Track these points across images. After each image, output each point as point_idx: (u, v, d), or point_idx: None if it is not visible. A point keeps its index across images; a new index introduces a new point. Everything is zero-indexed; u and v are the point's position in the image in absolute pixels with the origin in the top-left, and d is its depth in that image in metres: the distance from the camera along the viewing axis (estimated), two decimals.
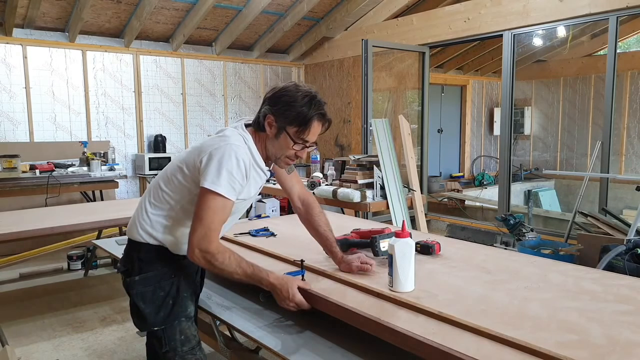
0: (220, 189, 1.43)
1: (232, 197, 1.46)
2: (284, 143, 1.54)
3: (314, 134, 1.55)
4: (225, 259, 1.46)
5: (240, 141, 1.52)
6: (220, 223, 1.48)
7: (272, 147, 1.58)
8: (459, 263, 1.76)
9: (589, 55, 8.22)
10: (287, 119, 1.52)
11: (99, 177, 4.67)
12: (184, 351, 1.59)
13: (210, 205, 1.44)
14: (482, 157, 9.16)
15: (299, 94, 1.51)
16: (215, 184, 1.43)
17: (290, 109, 1.51)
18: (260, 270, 1.51)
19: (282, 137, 1.54)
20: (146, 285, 1.58)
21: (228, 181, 1.44)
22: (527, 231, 4.03)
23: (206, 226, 1.44)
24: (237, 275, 1.48)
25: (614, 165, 7.46)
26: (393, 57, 6.27)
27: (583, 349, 1.08)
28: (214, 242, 1.45)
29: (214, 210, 1.44)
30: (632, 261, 2.78)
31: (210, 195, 1.44)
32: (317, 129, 1.55)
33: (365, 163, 3.88)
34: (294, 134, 1.53)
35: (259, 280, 1.50)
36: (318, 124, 1.54)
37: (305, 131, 1.52)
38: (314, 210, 1.80)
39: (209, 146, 1.49)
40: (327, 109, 1.58)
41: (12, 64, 5.12)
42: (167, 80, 6.18)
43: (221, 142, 1.49)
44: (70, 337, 3.11)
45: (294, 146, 1.54)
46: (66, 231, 3.18)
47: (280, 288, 1.49)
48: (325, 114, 1.55)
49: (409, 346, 1.21)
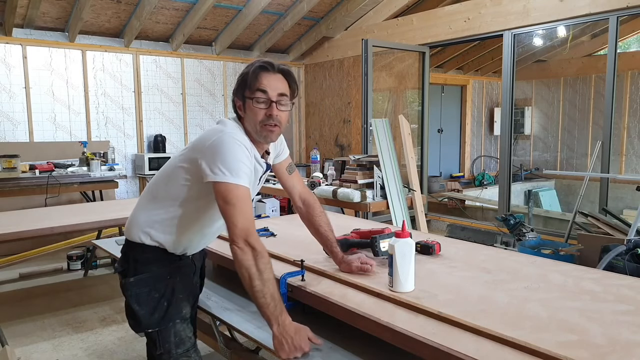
0: (234, 178, 1.41)
1: (245, 183, 1.44)
2: (250, 110, 1.54)
3: (268, 84, 1.52)
4: (268, 263, 1.40)
5: (236, 129, 1.53)
6: (252, 214, 1.45)
7: (249, 125, 1.56)
8: (459, 263, 1.76)
9: (589, 55, 8.22)
10: (241, 89, 1.56)
11: (98, 177, 4.66)
12: (179, 353, 1.58)
13: (237, 195, 1.40)
14: (482, 157, 9.15)
15: (245, 68, 1.58)
16: (228, 174, 1.40)
17: (240, 80, 1.57)
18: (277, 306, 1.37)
19: (246, 106, 1.55)
20: (141, 286, 1.57)
21: (240, 169, 1.42)
22: (527, 231, 4.03)
23: (244, 217, 1.40)
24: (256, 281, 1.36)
25: (614, 165, 7.46)
26: (393, 57, 6.27)
27: (583, 349, 1.08)
28: (259, 239, 1.42)
29: (243, 200, 1.41)
30: (632, 261, 2.78)
31: (229, 186, 1.40)
32: (270, 79, 1.53)
33: (365, 163, 3.88)
34: (250, 94, 1.53)
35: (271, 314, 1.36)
36: (266, 73, 1.53)
37: (255, 83, 1.51)
38: (315, 210, 1.80)
39: (207, 139, 1.47)
40: (283, 67, 1.58)
41: (11, 64, 5.12)
42: (167, 80, 6.18)
43: (218, 132, 1.48)
44: (70, 337, 3.11)
45: (256, 105, 1.52)
46: (66, 231, 3.16)
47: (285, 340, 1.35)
48: (265, 63, 1.54)
49: (408, 346, 1.21)
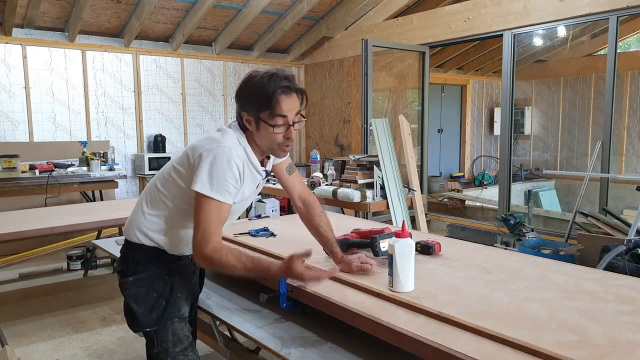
0: (213, 193, 1.42)
1: (227, 200, 1.45)
2: (266, 132, 1.49)
3: (288, 108, 1.47)
4: (222, 256, 1.42)
5: (235, 142, 1.50)
6: (217, 225, 1.45)
7: (260, 141, 1.53)
8: (459, 263, 1.76)
9: (589, 55, 8.22)
10: (255, 107, 1.48)
11: (98, 177, 4.66)
12: (176, 352, 1.59)
13: (205, 209, 1.43)
14: (482, 157, 9.15)
15: (257, 78, 1.48)
16: (207, 188, 1.42)
17: (254, 97, 1.47)
18: (262, 264, 1.48)
19: (261, 126, 1.49)
20: (140, 286, 1.58)
21: (221, 185, 1.43)
22: (528, 231, 4.03)
23: (203, 229, 1.42)
24: (238, 271, 1.43)
25: (614, 165, 7.45)
26: (393, 56, 6.26)
27: (583, 349, 1.08)
28: (210, 243, 1.42)
29: (210, 214, 1.43)
30: (632, 261, 2.78)
31: (204, 199, 1.42)
32: (289, 102, 1.47)
33: (365, 163, 3.88)
34: (268, 118, 1.47)
35: (263, 275, 1.51)
36: (286, 96, 1.46)
37: (276, 109, 1.45)
38: (315, 210, 1.80)
39: (202, 147, 1.47)
40: (294, 81, 1.50)
41: (11, 64, 5.12)
42: (166, 80, 6.17)
43: (214, 143, 1.47)
44: (69, 337, 3.11)
45: (275, 130, 1.48)
46: (66, 231, 3.17)
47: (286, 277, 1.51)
48: (289, 85, 1.47)
49: (409, 346, 1.21)
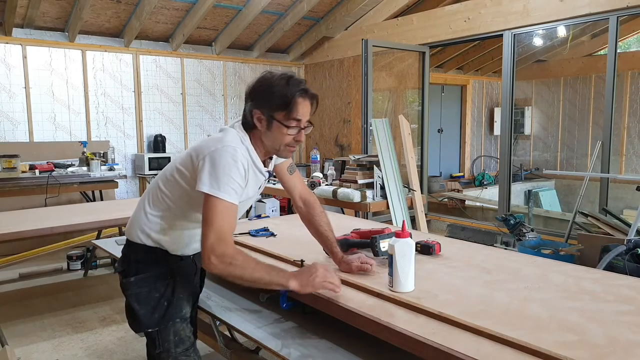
0: (221, 193, 1.40)
1: (234, 200, 1.43)
2: (278, 132, 1.50)
3: (303, 112, 1.50)
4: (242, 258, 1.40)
5: (238, 142, 1.50)
6: (231, 227, 1.43)
7: (268, 141, 1.54)
8: (459, 263, 1.76)
9: (589, 55, 8.22)
10: (272, 106, 1.49)
11: (98, 177, 4.66)
12: (178, 352, 1.59)
13: (218, 209, 1.40)
14: (482, 157, 9.15)
15: (274, 79, 1.50)
16: (216, 188, 1.40)
17: (271, 96, 1.48)
18: (278, 274, 1.44)
19: (274, 126, 1.50)
20: (141, 286, 1.57)
21: (228, 184, 1.41)
22: (528, 231, 4.03)
23: (218, 230, 1.39)
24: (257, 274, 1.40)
25: (614, 165, 7.45)
26: (393, 56, 6.27)
27: (583, 349, 1.08)
28: (230, 245, 1.40)
29: (222, 214, 1.40)
30: (632, 261, 2.78)
31: (214, 199, 1.40)
32: (305, 106, 1.50)
33: (365, 163, 3.88)
34: (283, 119, 1.49)
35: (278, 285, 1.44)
36: (303, 100, 1.49)
37: (293, 111, 1.48)
38: (315, 210, 1.80)
39: (206, 148, 1.46)
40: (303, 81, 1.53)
41: (11, 64, 5.12)
42: (166, 80, 6.17)
43: (218, 144, 1.46)
44: (69, 337, 3.11)
45: (288, 131, 1.50)
46: (66, 231, 3.17)
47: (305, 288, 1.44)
48: (307, 89, 1.50)
49: (408, 346, 1.21)
